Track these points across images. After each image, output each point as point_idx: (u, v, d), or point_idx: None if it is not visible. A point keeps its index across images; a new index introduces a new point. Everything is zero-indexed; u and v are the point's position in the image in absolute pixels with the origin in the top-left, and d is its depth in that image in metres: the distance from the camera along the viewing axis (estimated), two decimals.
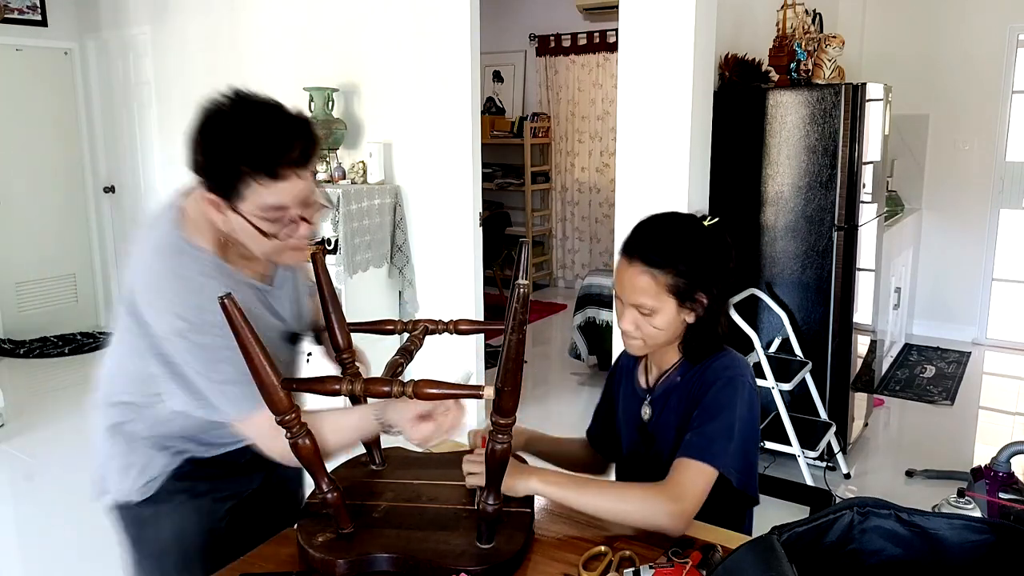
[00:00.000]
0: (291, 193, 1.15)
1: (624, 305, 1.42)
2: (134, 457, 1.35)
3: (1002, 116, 5.01)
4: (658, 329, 1.40)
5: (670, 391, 1.47)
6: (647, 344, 1.44)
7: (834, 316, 3.32)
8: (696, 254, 1.38)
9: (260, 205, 1.14)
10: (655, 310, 1.38)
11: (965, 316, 5.31)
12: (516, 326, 1.05)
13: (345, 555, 1.16)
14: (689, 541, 1.25)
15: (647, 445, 1.50)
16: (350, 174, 3.89)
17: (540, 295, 6.91)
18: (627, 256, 1.40)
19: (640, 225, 1.45)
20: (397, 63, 3.87)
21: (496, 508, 1.17)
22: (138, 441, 1.34)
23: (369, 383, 1.15)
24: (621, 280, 1.42)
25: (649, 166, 3.19)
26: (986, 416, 4.18)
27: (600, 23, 6.47)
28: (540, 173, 7.01)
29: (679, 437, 1.39)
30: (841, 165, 3.19)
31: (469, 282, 3.84)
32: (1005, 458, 2.55)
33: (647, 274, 1.37)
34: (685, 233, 1.40)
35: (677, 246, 1.38)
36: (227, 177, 1.13)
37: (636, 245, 1.40)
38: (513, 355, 1.07)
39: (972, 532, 0.89)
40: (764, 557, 0.83)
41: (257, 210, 1.15)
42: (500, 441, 1.13)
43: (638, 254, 1.38)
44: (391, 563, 1.17)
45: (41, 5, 5.41)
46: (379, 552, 1.17)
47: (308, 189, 1.18)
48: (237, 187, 1.13)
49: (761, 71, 3.49)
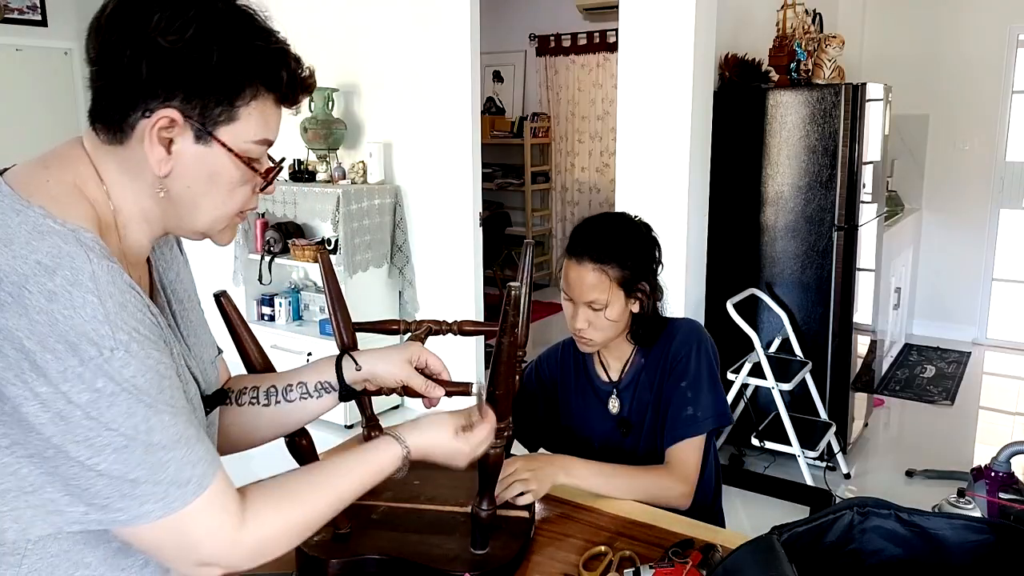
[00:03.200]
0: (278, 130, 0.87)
1: (576, 305, 1.52)
2: None
3: (1002, 116, 5.01)
4: (611, 321, 1.50)
5: (637, 376, 1.58)
6: (600, 340, 1.54)
7: (834, 316, 3.32)
8: (636, 247, 1.51)
9: (256, 135, 0.83)
10: (606, 304, 1.48)
11: (965, 316, 5.31)
12: (508, 328, 1.05)
13: (339, 555, 1.16)
14: (689, 541, 1.25)
15: (624, 432, 1.59)
16: (350, 174, 3.89)
17: (540, 295, 6.90)
18: (575, 257, 1.52)
19: (580, 227, 1.57)
20: (397, 63, 3.87)
21: (489, 514, 1.16)
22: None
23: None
24: (570, 281, 1.53)
25: (649, 166, 3.19)
26: (986, 416, 4.17)
27: (600, 23, 6.47)
28: (540, 173, 7.00)
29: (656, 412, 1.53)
30: (841, 165, 3.19)
31: (469, 282, 3.83)
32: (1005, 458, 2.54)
33: (597, 271, 1.48)
34: (625, 230, 1.54)
35: (620, 242, 1.50)
36: (237, 82, 0.80)
37: (583, 245, 1.51)
38: (505, 358, 1.06)
39: (972, 532, 0.89)
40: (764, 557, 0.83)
41: (248, 142, 0.83)
42: (494, 445, 1.11)
43: (587, 253, 1.49)
44: (384, 565, 1.16)
45: (41, 5, 5.41)
46: (373, 554, 1.17)
47: None
48: (240, 99, 0.81)
49: (761, 71, 3.49)
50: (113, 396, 0.71)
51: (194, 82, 0.78)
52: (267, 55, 0.82)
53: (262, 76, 0.82)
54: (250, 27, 0.81)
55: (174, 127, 0.79)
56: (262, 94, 0.82)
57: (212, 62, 0.77)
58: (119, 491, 0.73)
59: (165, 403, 0.75)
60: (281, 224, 4.06)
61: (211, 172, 0.82)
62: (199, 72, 0.77)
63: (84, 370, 0.70)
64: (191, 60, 0.77)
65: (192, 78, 0.77)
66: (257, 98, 0.82)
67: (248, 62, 0.80)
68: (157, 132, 0.78)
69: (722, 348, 3.54)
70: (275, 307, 4.16)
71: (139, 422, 0.73)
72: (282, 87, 0.84)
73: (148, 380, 0.74)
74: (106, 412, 0.71)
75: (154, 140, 0.78)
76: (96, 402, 0.70)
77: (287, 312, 4.15)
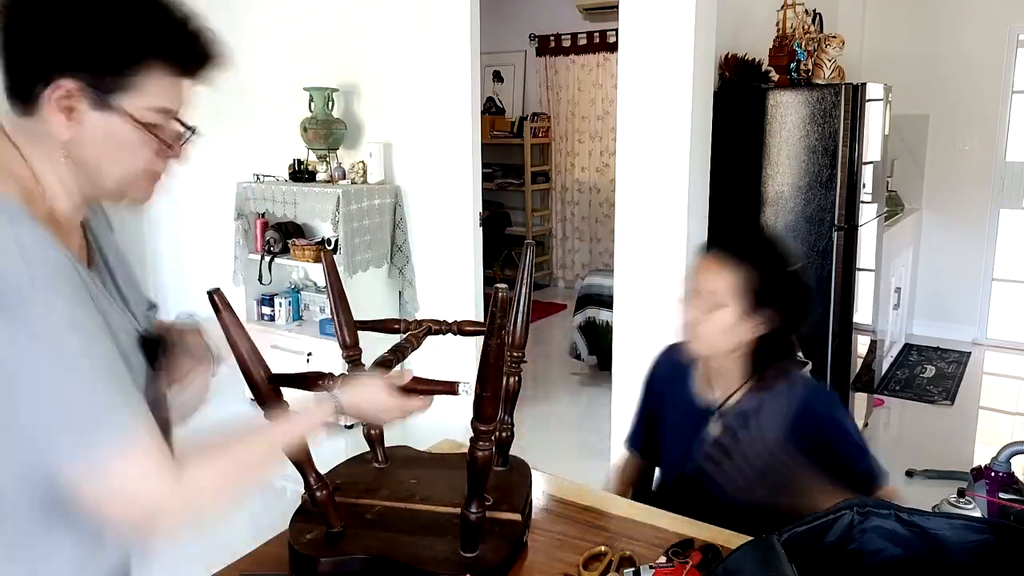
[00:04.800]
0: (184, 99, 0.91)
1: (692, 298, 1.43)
2: None
3: (1002, 116, 5.01)
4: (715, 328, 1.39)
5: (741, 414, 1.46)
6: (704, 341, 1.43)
7: (834, 316, 3.32)
8: (779, 265, 1.41)
9: (151, 103, 0.87)
10: (719, 305, 1.38)
11: (965, 316, 5.31)
12: (495, 330, 1.04)
13: (330, 554, 1.16)
14: (689, 541, 1.25)
15: (720, 461, 1.46)
16: (350, 174, 3.89)
17: (540, 295, 6.90)
18: (711, 251, 1.45)
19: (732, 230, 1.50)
20: (397, 63, 3.87)
21: (478, 517, 1.16)
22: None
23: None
24: (695, 272, 1.45)
25: (649, 166, 3.19)
26: (986, 416, 4.17)
27: (600, 23, 6.47)
28: (540, 173, 7.00)
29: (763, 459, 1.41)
30: (841, 165, 3.19)
31: (469, 282, 3.83)
32: (1005, 458, 2.54)
33: (725, 266, 1.39)
34: (775, 244, 1.46)
35: (763, 249, 1.43)
36: (125, 53, 0.84)
37: (724, 241, 1.45)
38: (492, 360, 1.06)
39: (972, 532, 0.89)
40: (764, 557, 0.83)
41: (145, 109, 0.87)
42: (482, 448, 1.11)
43: (722, 246, 1.43)
44: (373, 565, 1.16)
45: None
46: (361, 553, 1.17)
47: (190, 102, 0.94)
48: (133, 70, 0.85)
49: (761, 71, 3.49)
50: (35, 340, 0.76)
51: (85, 53, 0.83)
52: (160, 28, 0.86)
53: (155, 49, 0.86)
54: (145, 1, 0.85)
55: (72, 96, 0.84)
56: (157, 65, 0.86)
57: (101, 34, 0.83)
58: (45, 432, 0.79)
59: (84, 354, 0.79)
60: (281, 224, 4.06)
61: (109, 136, 0.87)
62: (89, 44, 0.83)
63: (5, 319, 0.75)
64: (81, 33, 0.82)
65: (83, 50, 0.83)
66: (152, 69, 0.86)
67: (139, 35, 0.84)
68: (56, 100, 0.83)
69: None
70: (275, 307, 4.16)
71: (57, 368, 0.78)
72: (180, 60, 0.88)
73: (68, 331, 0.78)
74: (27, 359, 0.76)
75: (53, 107, 0.84)
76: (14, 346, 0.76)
77: (287, 312, 4.15)
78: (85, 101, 0.84)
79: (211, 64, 0.91)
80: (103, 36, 0.83)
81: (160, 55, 0.86)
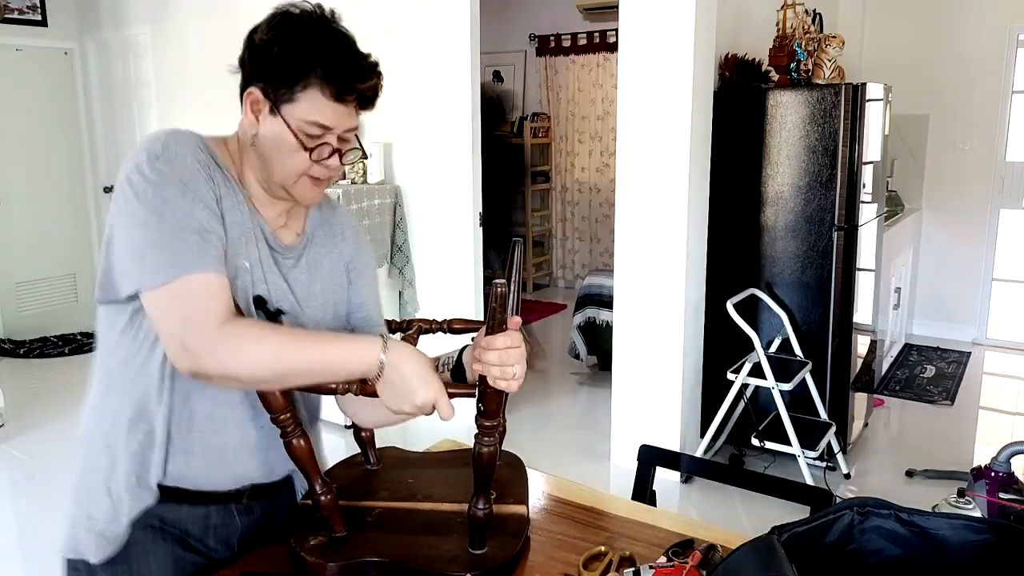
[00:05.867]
0: (341, 121, 1.11)
1: None
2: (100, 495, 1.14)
3: (1002, 116, 5.01)
4: None
5: None
6: None
7: (834, 316, 3.32)
8: None
9: (308, 117, 1.08)
10: None
11: (965, 316, 5.31)
12: (495, 326, 1.04)
13: (336, 559, 1.15)
14: (689, 541, 1.25)
15: None
16: (350, 174, 3.89)
17: (540, 295, 6.90)
18: None
19: None
20: (397, 63, 3.87)
21: (486, 513, 1.15)
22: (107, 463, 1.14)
23: (364, 382, 1.14)
24: None
25: (649, 166, 3.19)
26: (986, 416, 4.17)
27: (600, 23, 6.47)
28: (540, 173, 7.01)
29: None
30: (841, 165, 3.19)
31: (469, 282, 3.83)
32: (1005, 458, 2.55)
33: None
34: None
35: None
36: (292, 73, 1.07)
37: None
38: None
39: (972, 532, 0.89)
40: (764, 557, 0.83)
41: (303, 121, 1.08)
42: (486, 444, 1.11)
43: None
44: (381, 568, 1.16)
45: (41, 5, 5.41)
46: (370, 556, 1.16)
47: (353, 128, 1.14)
48: (295, 88, 1.07)
49: (761, 71, 3.49)
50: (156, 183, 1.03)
51: (267, 70, 1.08)
52: (320, 56, 1.07)
53: (316, 71, 1.06)
54: (316, 33, 1.08)
55: (258, 101, 1.09)
56: (316, 85, 1.07)
57: (279, 56, 1.07)
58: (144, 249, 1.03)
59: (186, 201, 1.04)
60: None
61: (276, 138, 1.10)
62: (269, 63, 1.08)
63: (146, 159, 1.04)
64: (266, 53, 1.08)
65: (266, 67, 1.08)
66: (310, 87, 1.07)
67: (302, 59, 1.06)
68: (249, 103, 1.10)
69: (722, 348, 3.55)
70: None
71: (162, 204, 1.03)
72: (335, 85, 1.07)
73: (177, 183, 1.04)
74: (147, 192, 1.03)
75: (247, 109, 1.11)
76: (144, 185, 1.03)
77: None
78: (266, 107, 1.09)
79: (359, 93, 1.10)
80: (280, 57, 1.07)
81: (319, 76, 1.06)
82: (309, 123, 1.08)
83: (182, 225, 1.03)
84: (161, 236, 1.02)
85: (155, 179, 1.03)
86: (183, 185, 1.04)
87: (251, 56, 1.10)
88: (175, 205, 1.03)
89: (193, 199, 1.04)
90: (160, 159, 1.04)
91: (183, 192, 1.04)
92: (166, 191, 1.03)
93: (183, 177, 1.04)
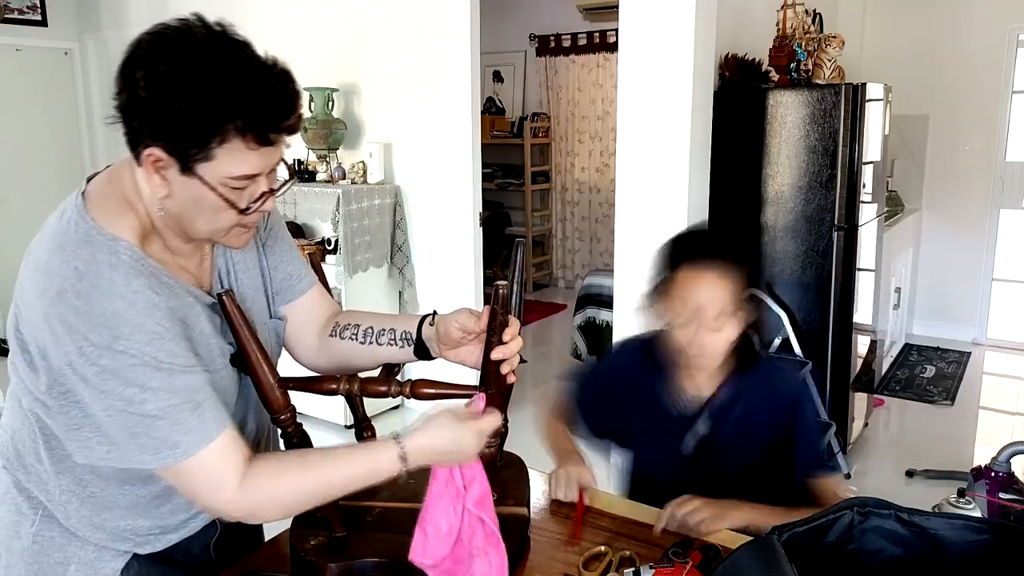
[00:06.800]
0: (268, 161, 0.96)
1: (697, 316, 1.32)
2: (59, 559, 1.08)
3: (1002, 116, 5.01)
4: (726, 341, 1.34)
5: (728, 406, 1.43)
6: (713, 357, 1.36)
7: (834, 316, 3.32)
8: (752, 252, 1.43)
9: (231, 172, 0.92)
10: (728, 316, 1.32)
11: (965, 316, 5.31)
12: (497, 328, 1.04)
13: (336, 559, 1.15)
14: (689, 541, 1.25)
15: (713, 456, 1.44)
16: (350, 174, 3.89)
17: (540, 295, 6.90)
18: (703, 261, 1.33)
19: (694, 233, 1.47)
20: (397, 63, 3.87)
21: None
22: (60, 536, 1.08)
23: (366, 382, 1.15)
24: (695, 290, 1.32)
25: (649, 166, 3.19)
26: (986, 416, 4.17)
27: (600, 23, 6.46)
28: (540, 173, 7.01)
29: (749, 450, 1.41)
30: (841, 165, 3.19)
31: (469, 282, 3.83)
32: (1005, 458, 2.55)
33: (726, 276, 1.31)
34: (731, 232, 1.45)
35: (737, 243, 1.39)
36: (200, 130, 0.89)
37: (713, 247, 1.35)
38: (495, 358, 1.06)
39: (972, 532, 0.89)
40: (764, 557, 0.83)
41: (225, 177, 0.92)
42: (489, 445, 1.11)
43: (720, 254, 1.33)
44: (381, 568, 1.15)
45: (41, 5, 5.41)
46: (370, 557, 1.16)
47: (280, 157, 0.99)
48: (208, 145, 0.90)
49: (761, 71, 3.49)
50: (115, 372, 0.91)
51: (167, 127, 0.89)
52: (235, 103, 0.89)
53: (230, 122, 0.90)
54: (219, 69, 0.89)
55: (161, 160, 0.92)
56: (235, 137, 0.91)
57: (183, 111, 0.88)
58: (127, 440, 0.94)
59: (159, 382, 0.92)
60: None
61: (196, 199, 0.95)
62: (169, 120, 0.89)
63: (93, 350, 0.90)
64: (163, 110, 0.88)
65: (165, 124, 0.89)
66: (228, 141, 0.91)
67: (212, 111, 0.89)
68: (150, 164, 0.92)
69: None
70: None
71: (134, 395, 0.91)
72: (256, 132, 0.92)
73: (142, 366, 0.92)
74: (109, 383, 0.91)
75: (149, 170, 0.93)
76: (102, 375, 0.91)
77: None
78: (174, 166, 0.92)
79: (285, 131, 0.96)
80: (182, 115, 0.88)
81: (235, 127, 0.90)
82: (233, 179, 0.93)
83: (168, 409, 0.92)
84: (150, 426, 0.92)
85: (115, 366, 0.90)
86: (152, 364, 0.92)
87: (140, 112, 0.90)
88: (154, 392, 0.92)
89: (169, 371, 0.93)
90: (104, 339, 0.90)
91: (156, 367, 0.92)
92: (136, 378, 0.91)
93: (144, 349, 0.91)
